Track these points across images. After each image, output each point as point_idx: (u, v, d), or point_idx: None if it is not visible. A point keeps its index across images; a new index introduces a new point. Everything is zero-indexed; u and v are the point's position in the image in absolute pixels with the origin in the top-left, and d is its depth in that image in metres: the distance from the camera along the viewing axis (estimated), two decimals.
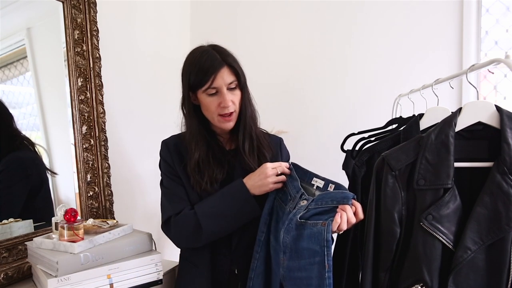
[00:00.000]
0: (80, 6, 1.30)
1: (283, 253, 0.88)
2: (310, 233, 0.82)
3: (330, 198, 0.87)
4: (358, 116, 1.68)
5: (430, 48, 1.56)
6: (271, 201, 0.98)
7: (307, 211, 0.87)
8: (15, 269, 1.04)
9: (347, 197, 0.85)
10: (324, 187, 0.93)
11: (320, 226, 0.81)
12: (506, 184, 0.72)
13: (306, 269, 0.82)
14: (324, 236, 0.80)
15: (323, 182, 0.93)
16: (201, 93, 1.00)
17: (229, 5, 1.97)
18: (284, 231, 0.88)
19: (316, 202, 0.88)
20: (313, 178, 0.95)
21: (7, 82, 1.16)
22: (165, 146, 1.07)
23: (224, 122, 1.01)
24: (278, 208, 0.97)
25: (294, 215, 0.88)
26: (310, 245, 0.82)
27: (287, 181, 0.98)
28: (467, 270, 0.74)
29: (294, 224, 0.87)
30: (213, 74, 0.96)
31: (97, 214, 1.31)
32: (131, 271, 0.98)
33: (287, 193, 0.96)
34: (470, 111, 0.80)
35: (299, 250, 0.84)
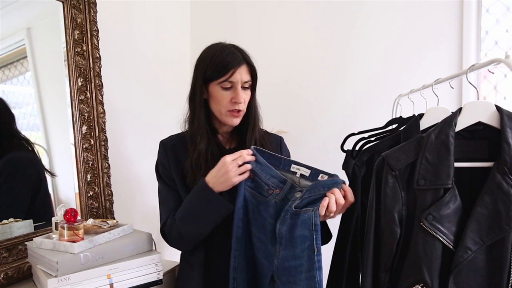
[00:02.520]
0: (80, 6, 1.30)
1: (279, 244, 0.88)
2: (302, 220, 0.86)
3: (322, 186, 0.89)
4: (358, 116, 1.68)
5: (430, 48, 1.56)
6: (241, 194, 0.93)
7: (301, 201, 0.89)
8: (15, 269, 1.03)
9: (336, 182, 0.88)
10: (312, 176, 0.92)
11: (310, 212, 0.85)
12: (507, 184, 0.72)
13: (299, 256, 0.85)
14: (312, 221, 0.83)
15: (309, 170, 0.92)
16: (214, 86, 1.00)
17: (229, 5, 1.97)
18: (280, 222, 0.88)
19: (310, 191, 0.89)
20: (291, 165, 0.93)
21: (7, 82, 1.16)
22: (162, 146, 1.07)
23: (232, 117, 1.01)
24: (252, 198, 0.94)
25: (290, 206, 0.89)
26: (302, 232, 0.85)
27: (256, 168, 0.93)
28: (467, 270, 0.74)
29: (289, 214, 0.88)
30: (233, 68, 0.98)
31: (97, 214, 1.31)
32: (131, 271, 0.98)
33: (261, 182, 0.93)
34: (470, 111, 0.80)
35: (294, 238, 0.87)
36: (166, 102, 1.84)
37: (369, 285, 0.82)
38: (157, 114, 1.77)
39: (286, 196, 0.92)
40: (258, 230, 0.93)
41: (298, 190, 0.91)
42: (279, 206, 0.91)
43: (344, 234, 1.06)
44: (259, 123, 1.10)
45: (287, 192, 0.91)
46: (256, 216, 0.93)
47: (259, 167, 0.93)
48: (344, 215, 1.07)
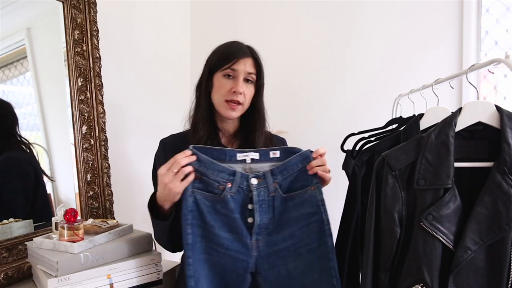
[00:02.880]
0: (80, 6, 1.30)
1: (257, 234, 0.88)
2: (301, 201, 0.89)
3: (292, 164, 0.90)
4: (358, 116, 1.68)
5: (430, 48, 1.56)
6: (186, 199, 0.87)
7: (280, 186, 0.89)
8: (15, 269, 1.03)
9: (307, 156, 0.90)
10: (262, 156, 0.91)
11: (311, 191, 0.89)
12: (506, 184, 0.72)
13: (299, 233, 0.89)
14: (318, 197, 0.89)
15: (257, 153, 0.91)
16: (217, 75, 1.01)
17: (229, 5, 1.97)
18: (259, 213, 0.88)
19: (282, 173, 0.90)
20: (237, 154, 0.90)
21: (7, 82, 1.16)
22: (162, 146, 1.07)
23: (228, 108, 1.00)
24: (204, 200, 0.88)
25: (262, 195, 0.89)
26: (302, 211, 0.89)
27: (200, 168, 0.87)
28: (467, 270, 0.74)
29: (278, 201, 0.89)
30: (236, 57, 0.99)
31: (97, 214, 1.31)
32: (131, 271, 0.98)
33: (209, 181, 0.88)
34: (470, 111, 0.80)
35: (284, 222, 0.89)
36: (166, 102, 1.84)
37: (369, 285, 0.82)
38: (157, 114, 1.77)
39: (239, 187, 0.89)
40: (222, 230, 0.88)
41: (253, 176, 0.89)
42: (237, 199, 0.89)
43: (344, 234, 1.06)
44: (265, 125, 1.09)
45: (239, 183, 0.89)
46: (215, 217, 0.88)
47: (203, 165, 0.88)
48: (344, 215, 1.07)
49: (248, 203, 0.89)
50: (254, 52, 1.04)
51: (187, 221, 0.87)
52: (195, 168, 0.87)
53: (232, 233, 0.89)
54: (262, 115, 1.06)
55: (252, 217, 0.89)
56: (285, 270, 0.89)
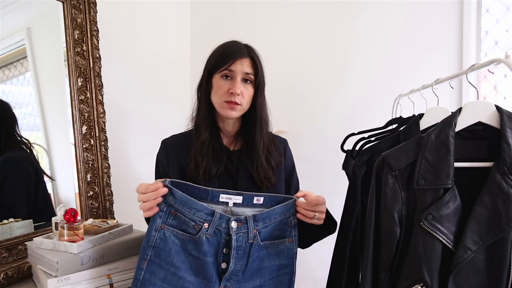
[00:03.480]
0: (80, 6, 1.30)
1: (226, 281, 0.85)
2: (276, 251, 0.90)
3: (275, 214, 0.89)
4: (358, 116, 1.68)
5: (430, 48, 1.56)
6: (150, 233, 0.83)
7: (259, 233, 0.87)
8: (15, 269, 1.03)
9: (290, 206, 0.90)
10: (245, 201, 0.88)
11: (287, 243, 0.90)
12: (506, 184, 0.72)
13: (268, 284, 0.89)
14: (294, 251, 0.90)
15: (241, 197, 0.88)
16: (216, 76, 1.01)
17: (229, 5, 1.97)
18: (234, 258, 0.84)
19: (263, 221, 0.88)
20: (220, 195, 0.87)
21: (7, 82, 1.16)
22: (163, 146, 1.07)
23: (227, 109, 1.00)
24: (174, 238, 0.83)
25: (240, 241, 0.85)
26: (277, 261, 0.90)
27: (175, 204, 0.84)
28: (467, 270, 0.74)
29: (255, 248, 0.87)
30: (233, 58, 0.99)
31: (97, 214, 1.31)
32: (131, 271, 0.98)
33: (184, 219, 0.84)
34: (470, 111, 0.80)
35: (257, 270, 0.88)
36: (166, 102, 1.84)
37: (369, 285, 0.82)
38: (157, 113, 1.77)
39: (217, 229, 0.85)
40: (188, 273, 0.83)
41: (234, 219, 0.85)
42: (212, 241, 0.84)
43: (344, 234, 1.06)
44: (267, 125, 1.08)
45: (218, 224, 0.84)
46: (183, 258, 0.83)
47: (178, 202, 0.83)
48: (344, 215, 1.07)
49: (224, 247, 0.85)
50: (252, 51, 1.03)
51: (143, 256, 0.82)
52: (170, 203, 0.83)
53: (199, 278, 0.84)
54: (262, 115, 1.05)
55: (226, 262, 0.85)
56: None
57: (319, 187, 1.00)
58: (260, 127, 1.04)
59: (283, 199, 0.91)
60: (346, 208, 1.07)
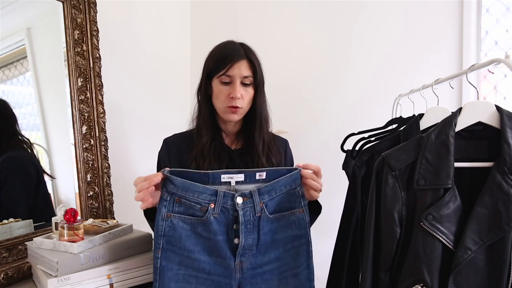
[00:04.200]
0: (80, 6, 1.30)
1: (241, 256, 0.86)
2: (288, 223, 0.89)
3: (281, 185, 0.88)
4: (358, 116, 1.68)
5: (430, 48, 1.56)
6: (158, 223, 0.84)
7: (266, 206, 0.87)
8: (15, 269, 1.03)
9: (296, 177, 0.89)
10: (248, 178, 0.88)
11: (299, 214, 0.89)
12: (506, 184, 0.72)
13: (285, 256, 0.89)
14: (306, 220, 0.90)
15: (242, 174, 0.87)
16: (215, 81, 1.01)
17: (229, 5, 1.97)
18: (243, 233, 0.85)
19: (269, 193, 0.87)
20: (221, 176, 0.86)
21: (7, 82, 1.16)
22: (165, 145, 1.07)
23: (229, 113, 1.01)
24: (183, 224, 0.85)
25: (248, 216, 0.86)
26: (290, 233, 0.89)
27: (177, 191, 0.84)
28: (467, 270, 0.74)
29: (263, 222, 0.87)
30: (231, 62, 0.98)
31: (97, 214, 1.31)
32: (131, 271, 0.98)
33: (190, 204, 0.84)
34: (470, 111, 0.80)
35: (269, 244, 0.88)
36: (166, 102, 1.84)
37: (369, 285, 0.82)
38: (157, 113, 1.77)
39: (223, 207, 0.85)
40: (203, 254, 0.85)
41: (238, 195, 0.85)
42: (221, 220, 0.85)
43: (344, 234, 1.06)
44: (267, 124, 1.08)
45: (223, 202, 0.85)
46: (195, 241, 0.85)
47: (180, 189, 0.84)
48: (344, 215, 1.07)
49: (233, 224, 0.86)
50: (249, 51, 1.03)
51: (156, 245, 0.84)
52: (173, 192, 0.84)
53: (214, 257, 0.86)
54: (262, 114, 1.05)
55: (238, 237, 0.86)
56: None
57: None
58: (260, 126, 1.05)
59: (286, 171, 0.89)
60: (346, 208, 1.07)
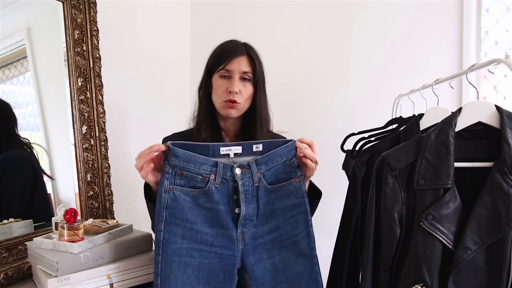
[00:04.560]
0: (80, 6, 1.30)
1: (242, 226, 0.88)
2: (286, 193, 0.90)
3: (277, 156, 0.90)
4: (358, 116, 1.68)
5: (430, 48, 1.56)
6: (161, 194, 0.85)
7: (263, 176, 0.89)
8: (15, 269, 1.03)
9: (291, 148, 0.91)
10: (245, 150, 0.90)
11: (295, 183, 0.90)
12: (506, 184, 0.72)
13: (284, 225, 0.90)
14: (303, 189, 0.90)
15: (240, 147, 0.89)
16: (215, 76, 1.02)
17: (229, 5, 1.97)
18: (244, 203, 0.87)
19: (266, 164, 0.89)
20: (220, 148, 0.88)
21: (7, 82, 1.16)
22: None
23: (227, 108, 1.01)
24: (185, 196, 0.85)
25: (246, 185, 0.88)
26: (288, 202, 0.90)
27: (179, 163, 0.85)
28: (467, 270, 0.74)
29: (262, 192, 0.89)
30: (230, 57, 0.99)
31: (97, 214, 1.31)
32: (131, 271, 0.98)
33: (191, 175, 0.85)
34: (470, 111, 0.80)
35: (269, 213, 0.90)
36: (166, 102, 1.84)
37: (369, 285, 0.82)
38: (157, 113, 1.77)
39: (223, 178, 0.87)
40: (205, 225, 0.86)
41: (237, 166, 0.88)
42: (221, 190, 0.87)
43: (344, 234, 1.06)
44: (268, 124, 1.08)
45: (223, 173, 0.87)
46: (197, 212, 0.86)
47: (182, 160, 0.85)
48: (344, 215, 1.07)
49: (234, 194, 0.88)
50: (250, 48, 1.03)
51: (159, 218, 0.84)
52: (175, 164, 0.85)
53: (216, 228, 0.87)
54: (262, 112, 1.05)
55: (239, 207, 0.87)
56: (270, 264, 0.89)
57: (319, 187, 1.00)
58: (260, 125, 1.04)
59: (282, 143, 0.91)
60: (346, 208, 1.07)
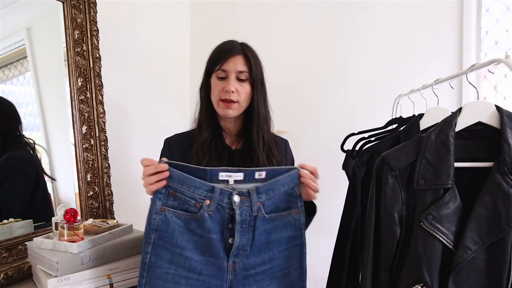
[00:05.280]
0: (80, 6, 1.30)
1: (234, 256, 0.84)
2: (284, 223, 0.88)
3: (279, 185, 0.86)
4: (358, 116, 1.68)
5: (430, 48, 1.56)
6: (152, 215, 0.81)
7: (263, 206, 0.85)
8: (15, 269, 1.03)
9: (294, 177, 0.88)
10: (247, 177, 0.85)
11: (295, 215, 0.88)
12: (506, 184, 0.72)
13: (278, 257, 0.87)
14: (301, 221, 0.88)
15: (242, 173, 0.85)
16: (213, 76, 1.03)
17: (230, 5, 1.97)
18: (239, 233, 0.83)
19: (267, 193, 0.85)
20: (219, 173, 0.83)
21: (7, 82, 1.16)
22: (167, 145, 1.07)
23: (224, 107, 1.00)
24: (176, 219, 0.82)
25: (244, 215, 0.83)
26: (285, 234, 0.88)
27: (173, 184, 0.82)
28: (467, 270, 0.74)
29: (259, 222, 0.84)
30: (226, 57, 0.99)
31: (97, 214, 1.31)
32: (131, 271, 0.98)
33: (185, 198, 0.82)
34: (470, 111, 0.80)
35: (266, 244, 0.87)
36: (166, 102, 1.84)
37: (369, 285, 0.82)
38: (157, 113, 1.77)
39: (219, 204, 0.83)
40: (195, 252, 0.82)
41: (236, 193, 0.83)
42: (215, 217, 0.83)
43: (344, 234, 1.06)
44: (268, 123, 1.07)
45: (219, 200, 0.83)
46: (187, 238, 0.82)
47: (176, 182, 0.81)
48: (344, 215, 1.07)
49: (229, 222, 0.84)
50: (246, 48, 1.03)
51: (147, 239, 0.81)
52: (169, 184, 0.81)
53: (206, 256, 0.83)
54: (260, 112, 1.04)
55: (233, 237, 0.83)
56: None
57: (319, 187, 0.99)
58: (258, 124, 1.04)
59: (285, 170, 0.88)
60: (346, 208, 1.07)
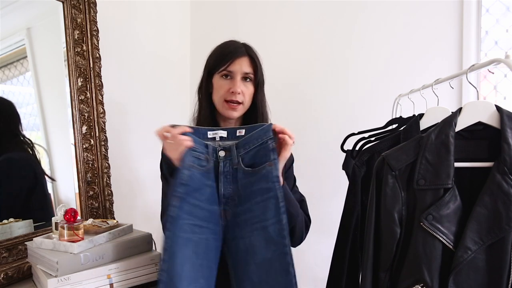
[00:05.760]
0: (80, 6, 1.30)
1: (224, 204, 0.92)
2: (259, 177, 0.91)
3: (253, 139, 0.92)
4: (358, 116, 1.68)
5: (430, 48, 1.56)
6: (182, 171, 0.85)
7: (242, 159, 0.92)
8: (15, 269, 1.03)
9: (267, 130, 0.92)
10: (230, 135, 0.94)
11: (268, 167, 0.90)
12: (506, 184, 0.72)
13: (255, 208, 0.90)
14: (274, 174, 0.90)
15: (225, 131, 0.94)
16: (216, 76, 1.03)
17: (230, 5, 1.97)
18: (223, 183, 0.92)
19: (244, 147, 0.93)
20: (207, 132, 0.94)
21: (7, 82, 1.16)
22: None
23: (228, 109, 1.01)
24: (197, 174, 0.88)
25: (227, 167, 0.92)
26: (260, 186, 0.91)
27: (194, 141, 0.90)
28: (467, 270, 0.74)
29: (241, 174, 0.92)
30: (232, 58, 1.00)
31: (97, 214, 1.31)
32: (131, 271, 0.98)
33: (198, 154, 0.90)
34: (470, 111, 0.80)
35: (246, 195, 0.92)
36: (166, 102, 1.84)
37: (369, 285, 0.82)
38: (157, 113, 1.77)
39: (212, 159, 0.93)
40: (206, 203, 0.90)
41: (221, 149, 0.93)
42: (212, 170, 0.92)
43: (344, 234, 1.06)
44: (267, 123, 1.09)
45: (212, 155, 0.93)
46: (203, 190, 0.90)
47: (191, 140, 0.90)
48: (344, 215, 1.07)
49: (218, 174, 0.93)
50: (250, 49, 1.04)
51: (176, 193, 0.84)
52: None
53: (213, 204, 0.91)
54: (263, 113, 1.07)
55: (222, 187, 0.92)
56: (243, 244, 0.90)
57: (319, 187, 1.00)
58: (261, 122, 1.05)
59: (260, 126, 0.94)
60: (346, 208, 1.07)
